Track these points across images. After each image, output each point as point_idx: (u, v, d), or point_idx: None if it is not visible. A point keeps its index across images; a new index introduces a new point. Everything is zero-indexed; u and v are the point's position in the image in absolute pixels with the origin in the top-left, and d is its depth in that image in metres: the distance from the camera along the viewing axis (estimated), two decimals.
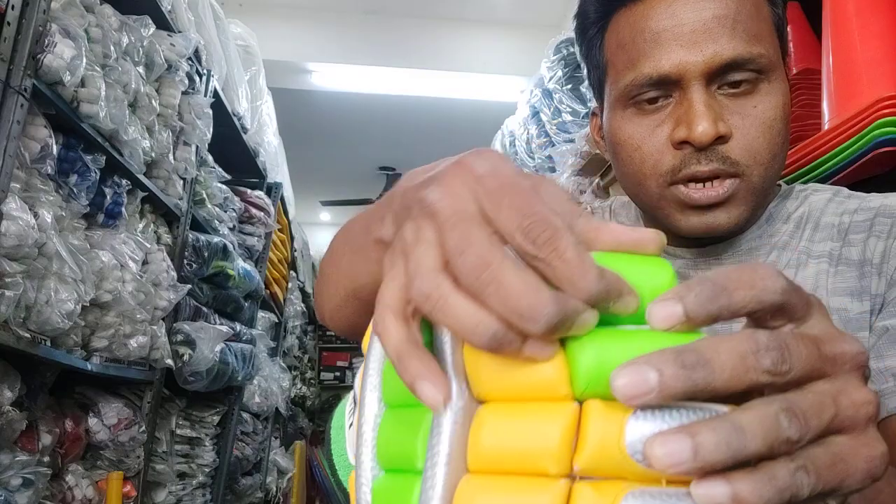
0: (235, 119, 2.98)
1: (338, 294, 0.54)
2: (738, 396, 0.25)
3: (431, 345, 0.29)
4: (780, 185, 0.72)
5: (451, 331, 0.27)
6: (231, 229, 2.98)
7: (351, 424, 0.35)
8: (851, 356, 0.28)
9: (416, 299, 0.28)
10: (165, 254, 2.18)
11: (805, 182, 1.09)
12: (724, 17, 0.59)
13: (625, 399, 0.24)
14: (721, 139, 0.59)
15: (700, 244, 0.68)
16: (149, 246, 2.04)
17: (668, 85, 0.61)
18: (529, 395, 0.26)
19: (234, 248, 2.87)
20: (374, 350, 0.33)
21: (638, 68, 0.61)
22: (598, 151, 2.29)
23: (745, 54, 0.59)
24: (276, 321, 4.08)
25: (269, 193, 3.56)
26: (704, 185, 0.61)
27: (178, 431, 2.52)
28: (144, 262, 2.03)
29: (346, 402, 0.38)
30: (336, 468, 0.37)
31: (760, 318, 0.29)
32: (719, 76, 0.60)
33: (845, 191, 0.69)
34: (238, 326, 2.92)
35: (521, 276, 0.26)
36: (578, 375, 0.25)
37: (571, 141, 2.71)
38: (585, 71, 0.73)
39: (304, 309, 5.44)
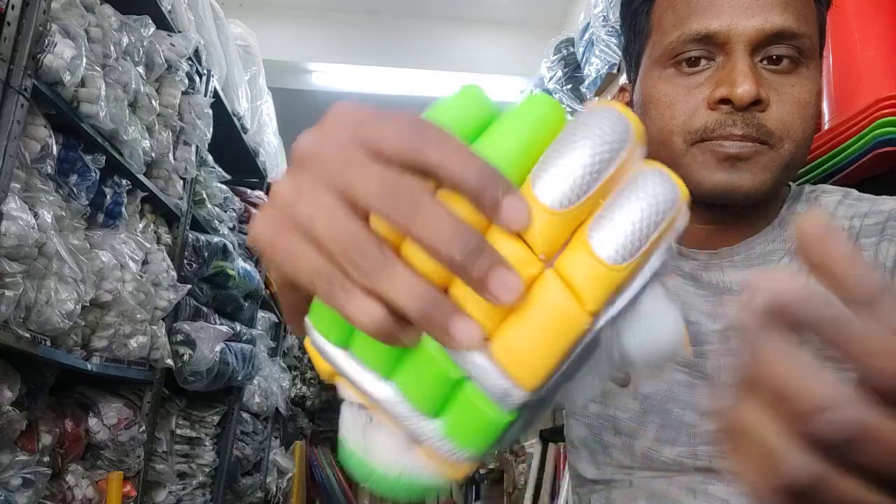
0: (235, 119, 2.98)
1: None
2: None
3: None
4: (789, 187, 0.71)
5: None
6: (231, 229, 2.98)
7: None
8: None
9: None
10: (165, 254, 2.18)
11: (805, 182, 1.09)
12: None
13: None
14: (759, 104, 0.59)
15: (716, 221, 0.67)
16: (149, 246, 2.05)
17: (714, 46, 0.61)
18: None
19: (234, 248, 2.87)
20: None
21: (686, 25, 0.62)
22: None
23: (794, 28, 0.60)
24: (276, 321, 4.07)
25: (268, 193, 3.55)
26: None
27: (178, 431, 2.51)
28: (144, 262, 2.03)
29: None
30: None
31: None
32: (764, 46, 0.60)
33: (855, 193, 0.69)
34: (238, 326, 2.91)
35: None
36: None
37: None
38: (624, 44, 0.73)
39: None
